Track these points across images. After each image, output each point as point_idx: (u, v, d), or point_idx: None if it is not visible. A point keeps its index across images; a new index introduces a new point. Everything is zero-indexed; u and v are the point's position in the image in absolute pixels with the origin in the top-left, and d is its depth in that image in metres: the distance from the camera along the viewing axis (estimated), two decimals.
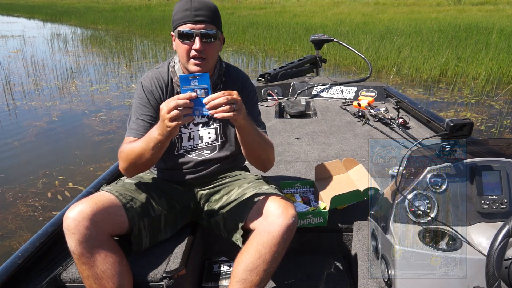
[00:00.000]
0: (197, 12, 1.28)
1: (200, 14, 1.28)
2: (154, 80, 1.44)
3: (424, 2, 21.76)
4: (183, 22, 1.29)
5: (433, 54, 8.06)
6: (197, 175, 1.52)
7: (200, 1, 1.29)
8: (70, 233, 1.18)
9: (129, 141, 1.36)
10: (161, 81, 1.44)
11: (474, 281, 1.07)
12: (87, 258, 1.19)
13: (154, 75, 1.45)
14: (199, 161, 1.50)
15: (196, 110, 1.12)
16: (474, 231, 1.17)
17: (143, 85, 1.44)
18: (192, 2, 1.29)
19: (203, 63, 1.33)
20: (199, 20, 1.28)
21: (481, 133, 4.51)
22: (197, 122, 1.48)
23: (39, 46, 11.99)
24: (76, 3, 31.43)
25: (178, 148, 1.49)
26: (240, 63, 9.03)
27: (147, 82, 1.43)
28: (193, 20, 1.28)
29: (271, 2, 25.84)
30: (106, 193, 1.33)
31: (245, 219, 1.34)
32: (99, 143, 4.42)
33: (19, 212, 3.10)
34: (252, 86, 1.56)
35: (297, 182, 1.85)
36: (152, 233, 1.41)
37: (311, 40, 3.91)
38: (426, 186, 1.22)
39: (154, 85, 1.43)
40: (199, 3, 1.29)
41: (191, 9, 1.28)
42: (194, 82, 1.10)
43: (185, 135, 1.48)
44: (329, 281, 1.55)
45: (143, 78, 1.46)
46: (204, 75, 1.11)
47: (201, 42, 1.29)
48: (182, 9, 1.30)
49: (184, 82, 1.11)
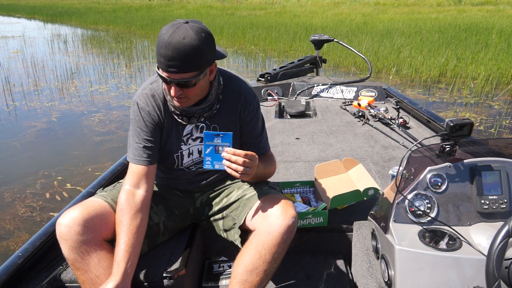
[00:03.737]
0: (170, 62, 1.15)
1: (173, 65, 1.15)
2: (150, 99, 1.34)
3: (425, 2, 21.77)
4: (159, 66, 1.19)
5: (433, 54, 8.06)
6: (196, 185, 1.51)
7: (175, 47, 1.13)
8: (63, 240, 1.19)
9: (135, 169, 1.33)
10: (157, 100, 1.35)
11: (474, 281, 1.07)
12: (81, 264, 1.20)
13: (149, 93, 1.35)
14: (199, 173, 1.48)
15: (215, 163, 1.21)
16: (474, 231, 1.17)
17: (139, 106, 1.34)
18: (166, 49, 1.14)
19: (184, 100, 1.26)
20: (172, 71, 1.17)
21: (480, 133, 4.51)
22: (196, 137, 1.41)
23: (39, 47, 11.99)
24: (77, 3, 31.46)
25: (179, 165, 1.45)
26: (240, 63, 9.04)
27: (143, 102, 1.34)
28: (167, 70, 1.17)
29: (271, 2, 25.86)
30: (98, 199, 1.32)
31: (244, 219, 1.34)
32: (98, 143, 4.42)
33: (17, 213, 3.09)
34: (256, 99, 1.46)
35: (297, 182, 1.85)
36: (150, 240, 1.40)
37: (311, 40, 3.92)
38: (426, 186, 1.22)
39: (150, 105, 1.34)
40: (174, 51, 1.13)
41: (165, 57, 1.15)
42: (218, 139, 1.18)
43: (185, 152, 1.43)
44: (329, 281, 1.55)
45: (138, 97, 1.36)
46: (228, 134, 1.18)
47: (178, 88, 1.21)
48: (158, 51, 1.17)
49: (207, 138, 1.18)
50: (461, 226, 1.19)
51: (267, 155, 1.49)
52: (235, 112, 1.41)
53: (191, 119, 1.37)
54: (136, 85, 7.08)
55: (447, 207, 1.21)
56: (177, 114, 1.36)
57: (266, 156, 1.49)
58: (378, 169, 2.13)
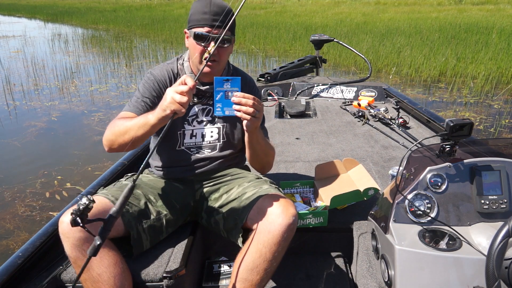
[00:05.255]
0: (215, 17, 1.30)
1: (218, 19, 1.30)
2: (164, 71, 1.47)
3: (425, 1, 21.76)
4: (200, 25, 1.32)
5: (433, 54, 8.06)
6: (196, 172, 1.53)
7: (219, 5, 1.31)
8: (65, 237, 1.19)
9: (124, 115, 1.38)
10: (171, 74, 1.47)
11: (474, 281, 1.07)
12: (83, 262, 1.19)
13: (164, 68, 1.48)
14: (198, 158, 1.52)
15: (226, 109, 1.20)
16: (474, 231, 1.17)
17: (152, 73, 1.46)
18: (211, 6, 1.30)
19: (214, 65, 1.37)
20: (216, 25, 1.30)
21: (480, 132, 4.51)
22: (201, 120, 1.50)
23: (39, 46, 12.00)
24: (77, 3, 31.47)
25: (180, 144, 1.50)
26: (240, 63, 9.03)
27: (158, 72, 1.47)
28: (210, 24, 1.30)
29: (272, 2, 25.84)
30: (100, 197, 1.32)
31: (245, 218, 1.34)
32: (98, 143, 4.41)
33: (17, 212, 3.09)
34: (258, 92, 1.57)
35: (297, 182, 1.85)
36: (153, 235, 1.41)
37: (311, 40, 3.92)
38: (426, 186, 1.22)
39: (162, 77, 1.46)
40: (218, 8, 1.31)
41: (210, 13, 1.30)
42: (227, 84, 1.19)
43: (187, 132, 1.49)
44: (329, 281, 1.55)
45: (153, 69, 1.49)
46: (237, 79, 1.18)
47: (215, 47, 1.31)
48: (200, 11, 1.31)
49: (218, 84, 1.19)
50: (461, 226, 1.19)
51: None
52: None
53: (201, 99, 1.47)
54: (136, 85, 7.07)
55: (447, 207, 1.21)
56: None
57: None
58: (378, 169, 2.13)
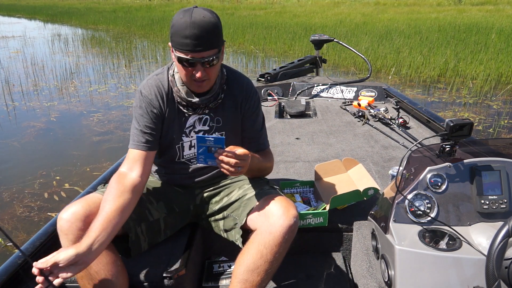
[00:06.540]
0: (197, 41, 1.19)
1: (201, 43, 1.19)
2: (154, 88, 1.37)
3: (425, 2, 21.75)
4: (184, 51, 1.21)
5: (433, 54, 8.07)
6: (197, 180, 1.51)
7: (200, 25, 1.18)
8: (64, 234, 1.19)
9: (131, 155, 1.34)
10: (161, 90, 1.37)
11: (474, 281, 1.07)
12: None
13: (154, 83, 1.37)
14: (199, 167, 1.49)
15: (208, 161, 1.22)
16: (474, 231, 1.17)
17: (142, 94, 1.37)
18: (191, 28, 1.18)
19: (205, 83, 1.30)
20: (199, 50, 1.20)
21: (479, 133, 4.51)
22: (198, 130, 1.43)
23: (39, 47, 11.98)
24: (77, 3, 31.41)
25: (180, 157, 1.46)
26: (240, 63, 9.03)
27: (147, 91, 1.37)
28: (193, 50, 1.20)
29: (271, 2, 25.85)
30: (99, 195, 1.32)
31: (245, 219, 1.34)
32: (97, 143, 4.41)
33: (15, 213, 3.09)
34: (257, 95, 1.48)
35: (297, 182, 1.85)
36: (151, 237, 1.40)
37: (311, 40, 3.92)
38: (426, 186, 1.22)
39: (154, 94, 1.36)
40: (199, 29, 1.18)
41: (191, 37, 1.18)
42: (210, 142, 1.19)
43: (186, 144, 1.45)
44: (329, 281, 1.55)
45: (143, 86, 1.38)
46: (221, 139, 1.19)
47: (202, 69, 1.25)
48: (181, 34, 1.19)
49: (200, 140, 1.20)
50: (461, 226, 1.19)
51: (265, 151, 1.51)
52: (237, 106, 1.44)
53: (196, 110, 1.40)
54: (136, 85, 7.07)
55: (447, 207, 1.21)
56: (183, 105, 1.38)
57: (265, 152, 1.51)
58: (378, 169, 2.13)
